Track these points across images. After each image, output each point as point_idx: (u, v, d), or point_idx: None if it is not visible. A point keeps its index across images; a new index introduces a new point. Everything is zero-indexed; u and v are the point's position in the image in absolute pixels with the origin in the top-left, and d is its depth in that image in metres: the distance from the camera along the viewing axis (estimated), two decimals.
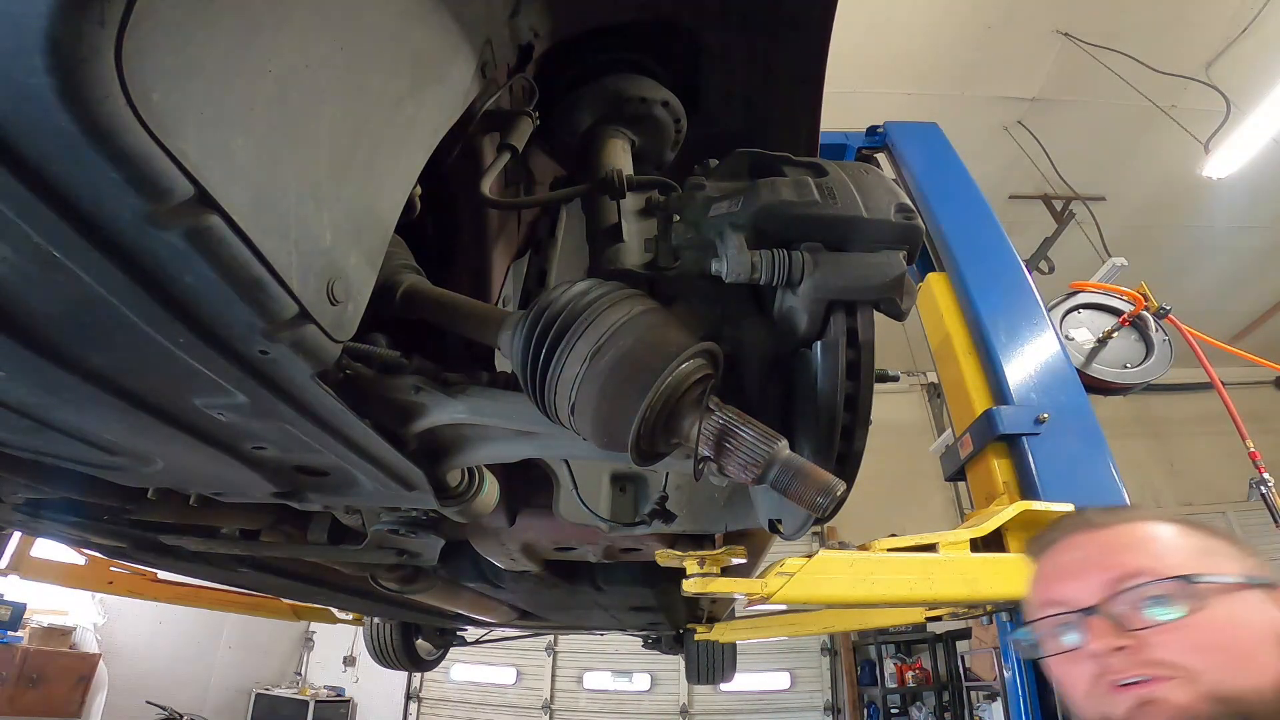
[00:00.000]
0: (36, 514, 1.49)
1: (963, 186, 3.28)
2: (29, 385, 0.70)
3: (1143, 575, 0.80)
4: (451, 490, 1.09)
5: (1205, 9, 5.74)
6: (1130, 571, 0.81)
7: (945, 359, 2.82)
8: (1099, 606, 0.80)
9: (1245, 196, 7.14)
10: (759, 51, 1.15)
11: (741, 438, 0.67)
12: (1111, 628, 0.78)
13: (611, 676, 8.99)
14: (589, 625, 4.22)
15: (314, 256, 0.59)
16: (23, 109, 0.38)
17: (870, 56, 5.93)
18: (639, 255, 0.94)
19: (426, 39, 0.75)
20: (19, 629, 6.18)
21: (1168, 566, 0.81)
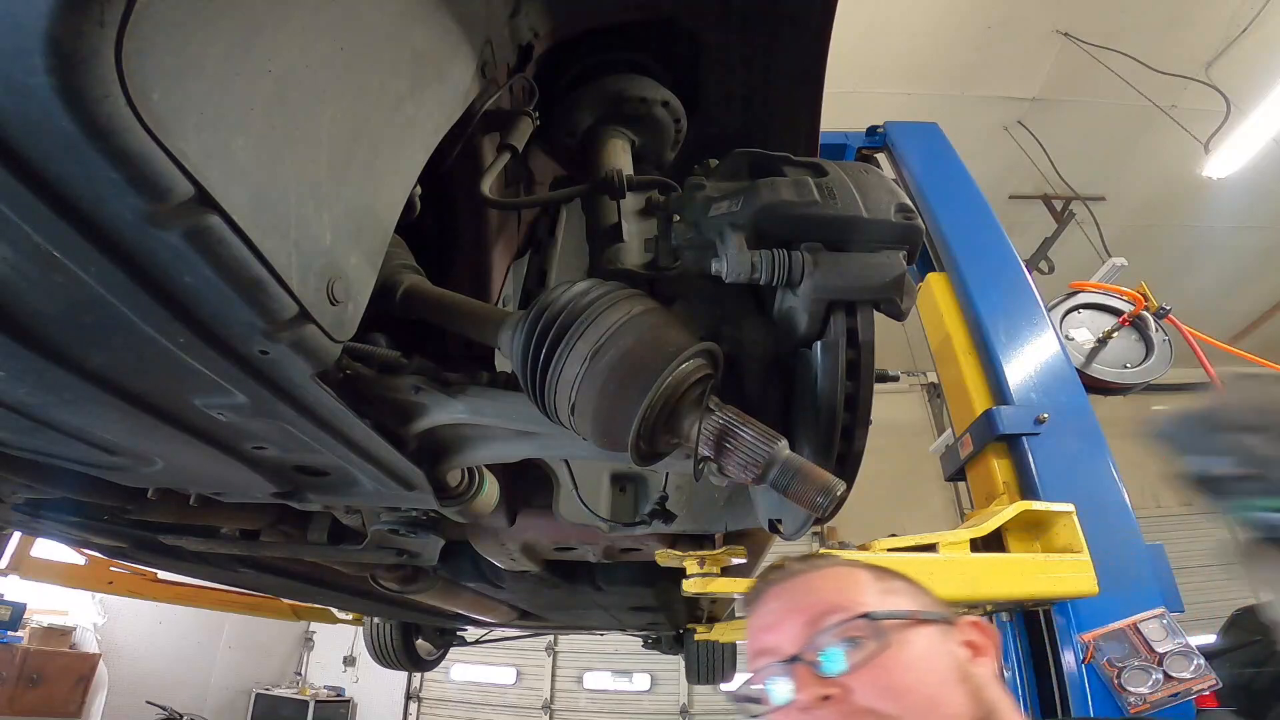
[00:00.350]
0: (36, 514, 1.49)
1: (963, 186, 3.28)
2: (29, 385, 0.70)
3: (833, 616, 0.83)
4: (451, 490, 1.09)
5: (1205, 9, 5.74)
6: (821, 613, 0.84)
7: (945, 359, 2.82)
8: (800, 655, 0.81)
9: (1245, 196, 7.14)
10: (759, 51, 1.15)
11: (741, 438, 0.67)
12: (814, 676, 0.79)
13: (611, 676, 8.99)
14: (589, 625, 4.22)
15: (314, 256, 0.59)
16: (23, 109, 0.38)
17: (870, 56, 5.93)
18: (639, 255, 0.94)
19: (426, 39, 0.74)
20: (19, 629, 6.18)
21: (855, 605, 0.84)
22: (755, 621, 0.92)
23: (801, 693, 0.79)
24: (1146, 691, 1.93)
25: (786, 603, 0.90)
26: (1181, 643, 1.99)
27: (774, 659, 0.84)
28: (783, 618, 0.88)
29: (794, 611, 0.87)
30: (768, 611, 0.91)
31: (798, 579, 0.92)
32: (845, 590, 0.88)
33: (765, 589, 0.95)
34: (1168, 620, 2.02)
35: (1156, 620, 2.01)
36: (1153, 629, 2.00)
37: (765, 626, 0.89)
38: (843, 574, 0.92)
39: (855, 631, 0.82)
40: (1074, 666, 2.04)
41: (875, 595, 0.88)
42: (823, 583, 0.91)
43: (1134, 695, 1.92)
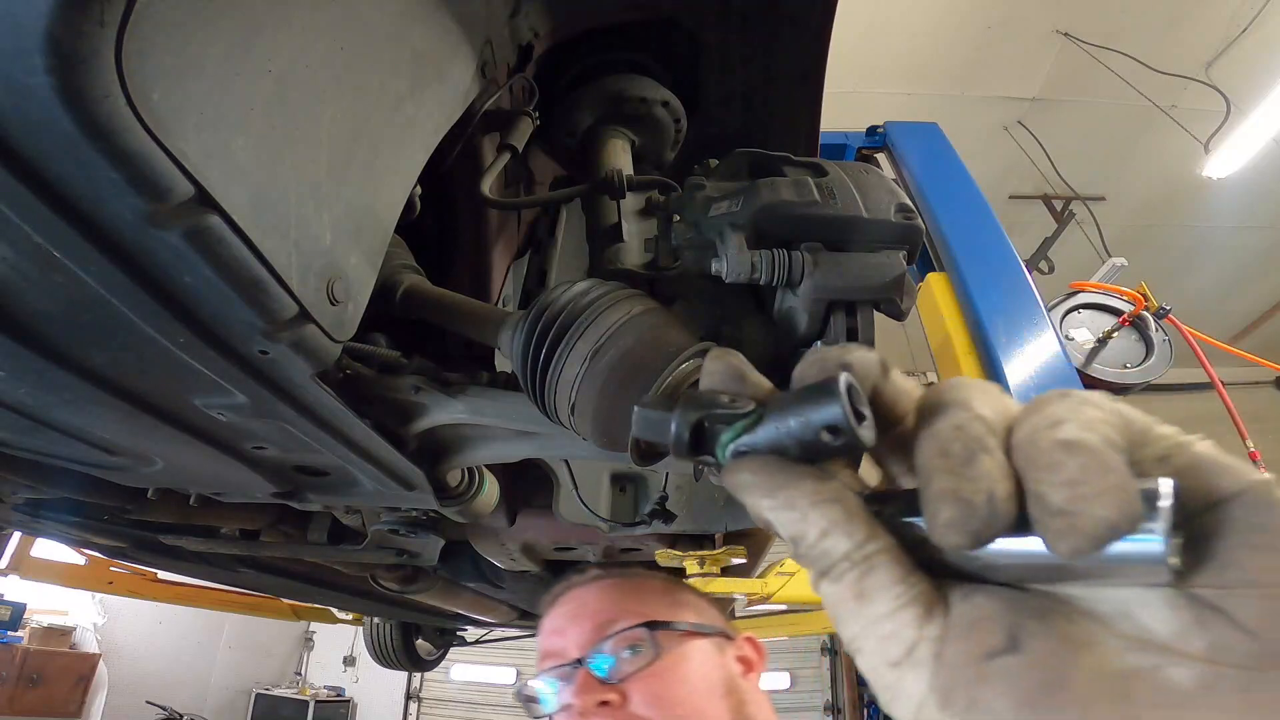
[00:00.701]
0: (36, 514, 1.49)
1: (963, 186, 3.28)
2: (29, 385, 0.70)
3: (619, 623, 0.87)
4: (451, 490, 1.09)
5: (1205, 9, 5.74)
6: (608, 620, 0.88)
7: (945, 359, 2.82)
8: (584, 659, 0.85)
9: (1245, 196, 7.14)
10: (759, 51, 1.15)
11: None
12: (594, 681, 0.82)
13: None
14: None
15: (314, 256, 0.59)
16: (23, 109, 0.38)
17: (870, 56, 5.93)
18: (639, 255, 0.94)
19: (426, 39, 0.75)
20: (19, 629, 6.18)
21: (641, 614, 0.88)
22: (547, 624, 0.95)
23: (580, 697, 0.81)
24: None
25: (578, 607, 0.93)
26: None
27: (559, 661, 0.88)
28: (572, 621, 0.91)
29: (583, 616, 0.91)
30: (560, 614, 0.94)
31: (593, 585, 0.96)
32: (634, 599, 0.92)
33: (563, 592, 0.98)
34: None
35: None
36: None
37: (555, 629, 0.93)
38: (635, 583, 0.96)
39: (636, 639, 0.85)
40: None
41: (663, 606, 0.92)
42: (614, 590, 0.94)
43: None
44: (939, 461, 0.23)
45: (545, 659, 0.91)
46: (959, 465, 0.22)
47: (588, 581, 0.97)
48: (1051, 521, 0.21)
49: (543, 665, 0.91)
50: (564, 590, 0.99)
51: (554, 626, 0.94)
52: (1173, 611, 0.22)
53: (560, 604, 0.97)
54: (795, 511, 0.26)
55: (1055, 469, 0.21)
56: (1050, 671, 0.22)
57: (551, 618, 0.96)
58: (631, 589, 0.95)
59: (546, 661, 0.90)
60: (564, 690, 0.86)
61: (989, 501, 0.22)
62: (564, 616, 0.94)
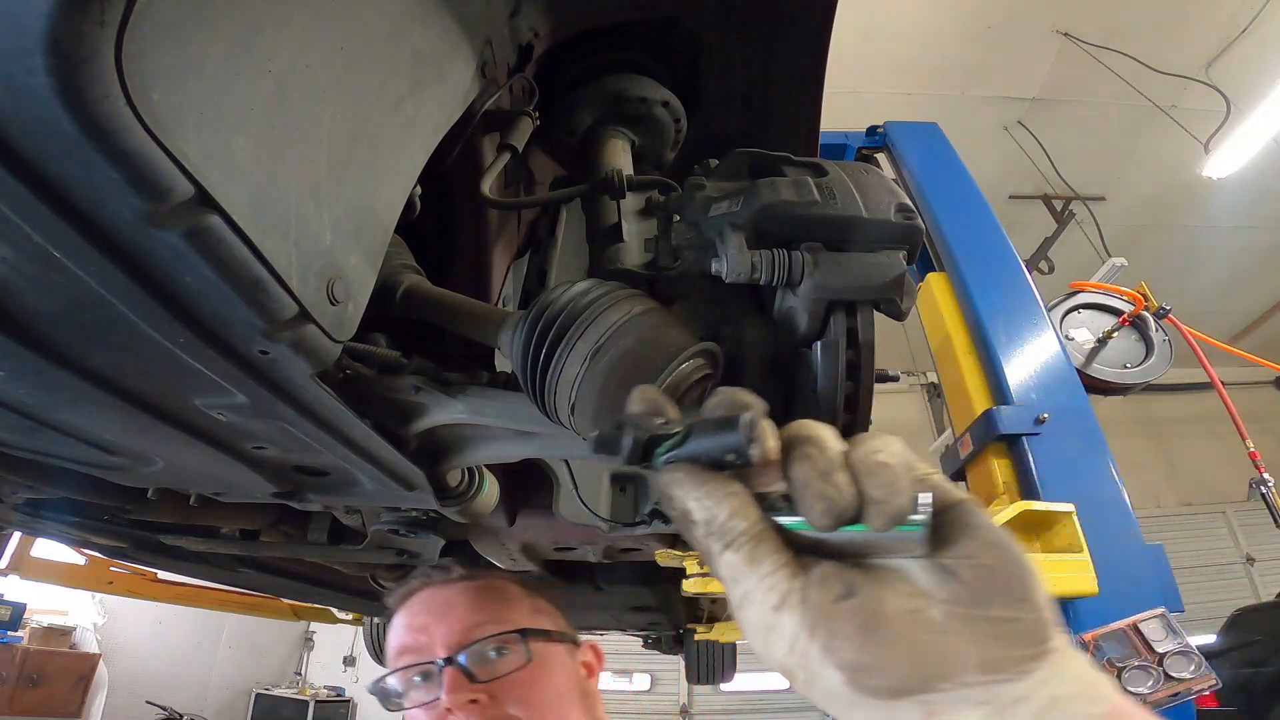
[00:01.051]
0: (36, 514, 1.49)
1: (963, 186, 3.28)
2: (29, 385, 0.70)
3: (489, 628, 0.92)
4: (451, 490, 1.09)
5: (1205, 9, 5.75)
6: (478, 623, 0.92)
7: (945, 359, 2.82)
8: (453, 658, 0.88)
9: (1245, 196, 7.14)
10: (759, 51, 1.15)
11: None
12: (464, 680, 0.87)
13: (611, 676, 8.99)
14: (589, 625, 4.22)
15: (314, 256, 0.59)
16: (23, 109, 0.38)
17: (871, 56, 5.93)
18: (639, 255, 0.94)
19: (426, 39, 0.74)
20: (19, 629, 6.18)
21: (512, 620, 0.94)
22: (407, 620, 0.97)
23: (451, 694, 0.85)
24: (1147, 692, 1.93)
25: (444, 606, 0.96)
26: (1181, 643, 1.99)
27: (424, 657, 0.91)
28: (438, 620, 0.94)
29: (451, 617, 0.94)
30: (422, 612, 0.97)
31: (455, 586, 0.99)
32: (500, 604, 0.97)
33: (421, 589, 1.01)
34: (1168, 620, 2.02)
35: (1156, 620, 2.01)
36: (1153, 629, 2.00)
37: (418, 626, 0.95)
38: (498, 588, 1.01)
39: (509, 644, 0.91)
40: None
41: (527, 613, 0.99)
42: (481, 594, 0.99)
43: (1134, 695, 1.92)
44: (814, 474, 0.35)
45: (404, 654, 0.93)
46: (825, 476, 0.35)
47: (451, 582, 1.00)
48: (871, 508, 0.34)
49: (401, 660, 0.93)
50: (422, 587, 1.01)
51: (415, 623, 0.96)
52: (930, 574, 0.35)
53: (419, 601, 0.99)
54: (712, 500, 0.37)
55: (876, 475, 0.35)
56: (874, 607, 0.35)
57: (410, 614, 0.98)
58: (496, 594, 1.00)
59: (406, 657, 0.93)
60: (426, 686, 0.90)
61: (844, 498, 0.35)
62: (428, 614, 0.96)
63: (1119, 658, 1.97)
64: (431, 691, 0.88)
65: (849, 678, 0.34)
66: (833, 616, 0.34)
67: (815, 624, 0.35)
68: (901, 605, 0.34)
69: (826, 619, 0.34)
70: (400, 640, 0.95)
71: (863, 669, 0.34)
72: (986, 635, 0.33)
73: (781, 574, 0.36)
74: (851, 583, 0.35)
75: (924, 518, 0.35)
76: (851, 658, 0.34)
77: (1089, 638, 1.99)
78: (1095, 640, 1.99)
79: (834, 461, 0.35)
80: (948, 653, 0.33)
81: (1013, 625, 0.33)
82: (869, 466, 0.35)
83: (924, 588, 0.35)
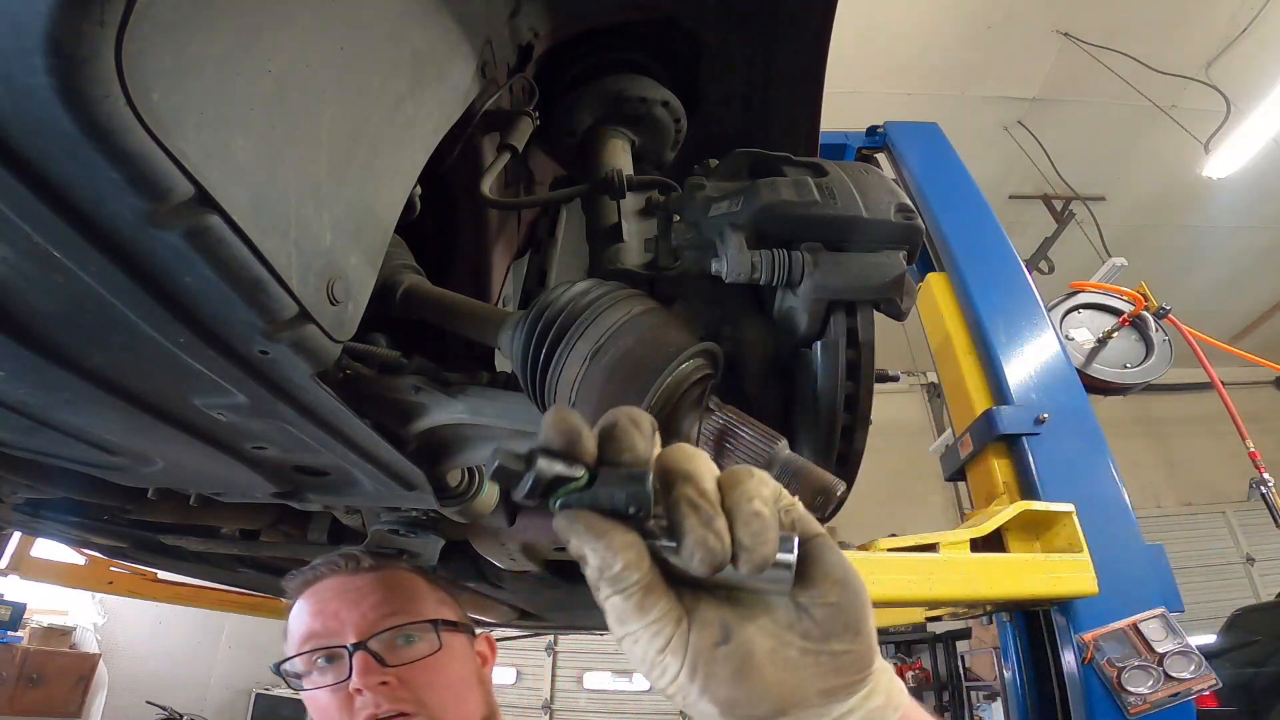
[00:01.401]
0: (36, 514, 1.49)
1: (963, 186, 3.28)
2: (29, 385, 0.70)
3: (400, 617, 0.97)
4: (451, 490, 1.09)
5: (1205, 9, 5.74)
6: (391, 611, 0.97)
7: (945, 359, 2.82)
8: (365, 643, 0.93)
9: (1245, 196, 7.14)
10: (759, 51, 1.15)
11: (741, 437, 0.67)
12: (375, 664, 0.91)
13: (611, 676, 8.99)
14: (589, 625, 4.22)
15: (314, 256, 0.59)
16: (23, 109, 0.38)
17: (870, 56, 5.93)
18: (639, 255, 0.94)
19: (426, 39, 0.74)
20: (19, 629, 6.18)
21: (420, 611, 0.99)
22: (316, 605, 1.01)
23: (363, 677, 0.90)
24: (1147, 692, 1.93)
25: (354, 594, 1.00)
26: (1181, 643, 1.99)
27: (333, 641, 0.95)
28: (349, 606, 0.98)
29: (362, 603, 0.98)
30: (330, 597, 1.01)
31: (365, 576, 1.03)
32: (409, 594, 1.02)
33: (327, 575, 1.04)
34: (1168, 620, 2.02)
35: (1156, 620, 2.01)
36: (1153, 629, 2.00)
37: (329, 612, 0.98)
38: (408, 581, 1.06)
39: (418, 632, 0.96)
40: (1074, 667, 2.04)
41: (434, 604, 1.04)
42: (391, 585, 1.03)
43: (1134, 695, 1.92)
44: (697, 523, 0.37)
45: (313, 638, 0.96)
46: (708, 524, 0.37)
47: (361, 571, 1.04)
48: (742, 555, 0.37)
49: (308, 644, 0.96)
50: (329, 573, 1.04)
51: (324, 608, 0.99)
52: (790, 609, 0.40)
53: (329, 589, 1.02)
54: (610, 551, 0.38)
55: (749, 524, 0.37)
56: (745, 651, 0.39)
57: (317, 599, 1.01)
58: (405, 586, 1.04)
59: (315, 640, 0.96)
60: (333, 669, 0.94)
61: (722, 549, 0.37)
62: (337, 600, 0.99)
63: (1119, 658, 1.97)
64: (339, 674, 0.93)
65: (722, 710, 0.39)
66: (711, 661, 0.39)
67: (695, 667, 0.39)
68: (766, 646, 0.39)
69: (706, 663, 0.39)
70: (308, 625, 0.98)
71: (733, 704, 0.39)
72: (828, 668, 0.39)
73: (667, 619, 0.39)
74: (727, 626, 0.40)
75: (790, 559, 0.39)
76: (725, 696, 0.39)
77: (1089, 638, 1.99)
78: (1095, 640, 1.99)
79: (714, 506, 0.38)
80: (799, 685, 0.39)
81: (848, 656, 0.40)
82: (744, 515, 0.38)
83: (785, 622, 0.40)
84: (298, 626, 1.00)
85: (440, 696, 0.94)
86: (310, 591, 1.04)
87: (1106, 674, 1.95)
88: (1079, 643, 2.01)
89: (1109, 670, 1.95)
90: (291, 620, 1.03)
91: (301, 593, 1.05)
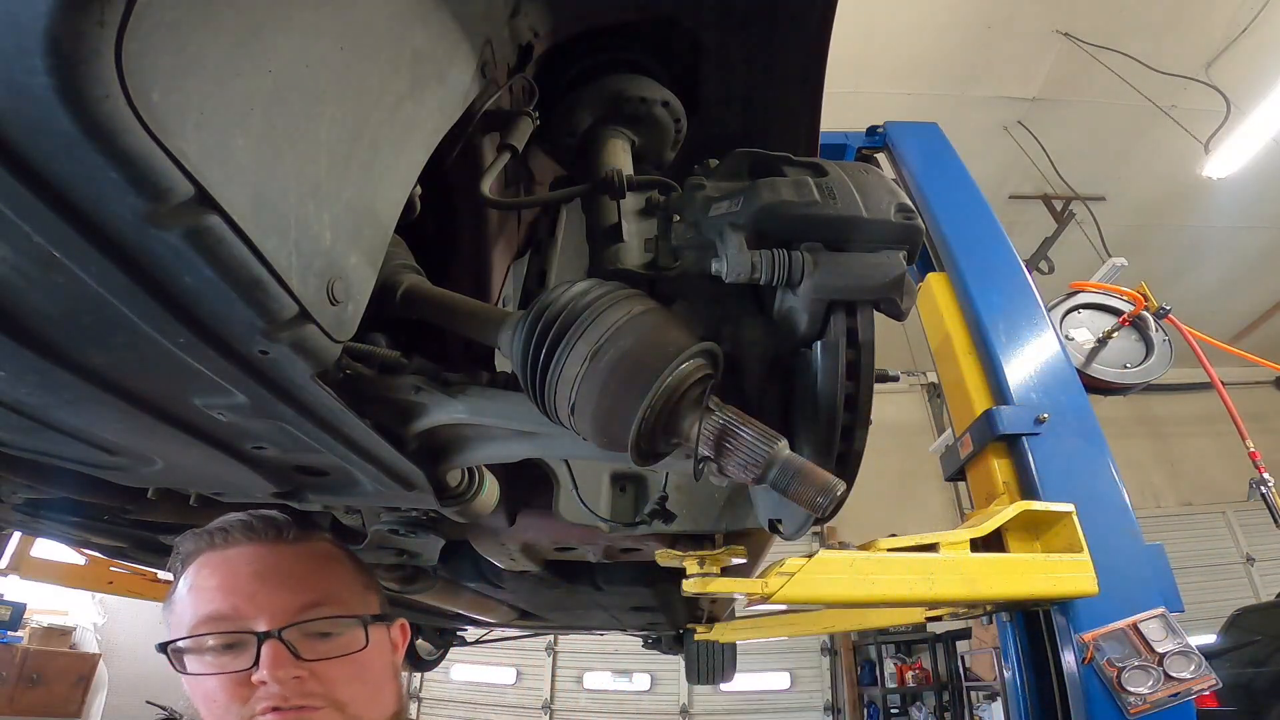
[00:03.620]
0: (36, 514, 1.49)
1: (963, 186, 3.28)
2: (29, 385, 0.70)
3: (322, 607, 0.87)
4: (451, 490, 1.09)
5: (1205, 9, 5.75)
6: (311, 602, 0.87)
7: (945, 359, 2.82)
8: (280, 633, 0.83)
9: (1245, 196, 7.15)
10: (759, 51, 1.15)
11: (741, 438, 0.67)
12: (287, 657, 0.82)
13: (611, 676, 9.00)
14: (589, 625, 4.22)
15: (314, 256, 0.59)
16: (23, 109, 0.38)
17: (870, 56, 5.93)
18: (639, 255, 0.94)
19: (426, 39, 0.74)
20: (19, 629, 6.18)
21: (345, 601, 0.90)
22: (223, 579, 0.88)
23: (275, 669, 0.81)
24: (1146, 691, 1.93)
25: (273, 574, 0.88)
26: (1181, 643, 1.99)
27: (240, 626, 0.83)
28: (266, 588, 0.87)
29: (278, 586, 0.87)
30: (246, 574, 0.88)
31: (285, 547, 0.92)
32: (331, 577, 0.93)
33: (240, 541, 0.91)
34: (1168, 620, 2.02)
35: (1156, 620, 2.01)
36: (1153, 629, 2.00)
37: (242, 591, 0.86)
38: (332, 558, 0.95)
39: (339, 627, 0.88)
40: (1074, 667, 2.04)
41: (360, 591, 0.95)
42: (315, 562, 0.93)
43: (1134, 695, 1.92)
44: None
45: (216, 620, 0.84)
46: None
47: (281, 541, 0.92)
48: None
49: (209, 625, 0.85)
50: (244, 539, 0.91)
51: (235, 585, 0.87)
52: None
53: (239, 557, 0.89)
54: None
55: None
56: None
57: (227, 571, 0.88)
58: (329, 564, 0.94)
59: (217, 623, 0.84)
60: (232, 655, 0.83)
61: None
62: (253, 579, 0.87)
63: (1119, 658, 1.97)
64: (238, 661, 0.82)
65: None
66: None
67: None
68: None
69: None
70: (214, 605, 0.85)
71: None
72: None
73: None
74: None
75: None
76: None
77: (1089, 638, 2.00)
78: (1095, 640, 1.99)
79: None
80: None
81: None
82: None
83: None
84: (198, 601, 0.87)
85: (354, 692, 0.86)
86: (218, 558, 0.90)
87: (1106, 674, 1.96)
88: (1079, 643, 2.01)
89: (1109, 670, 1.95)
90: (187, 589, 0.89)
91: (204, 556, 0.91)
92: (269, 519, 0.95)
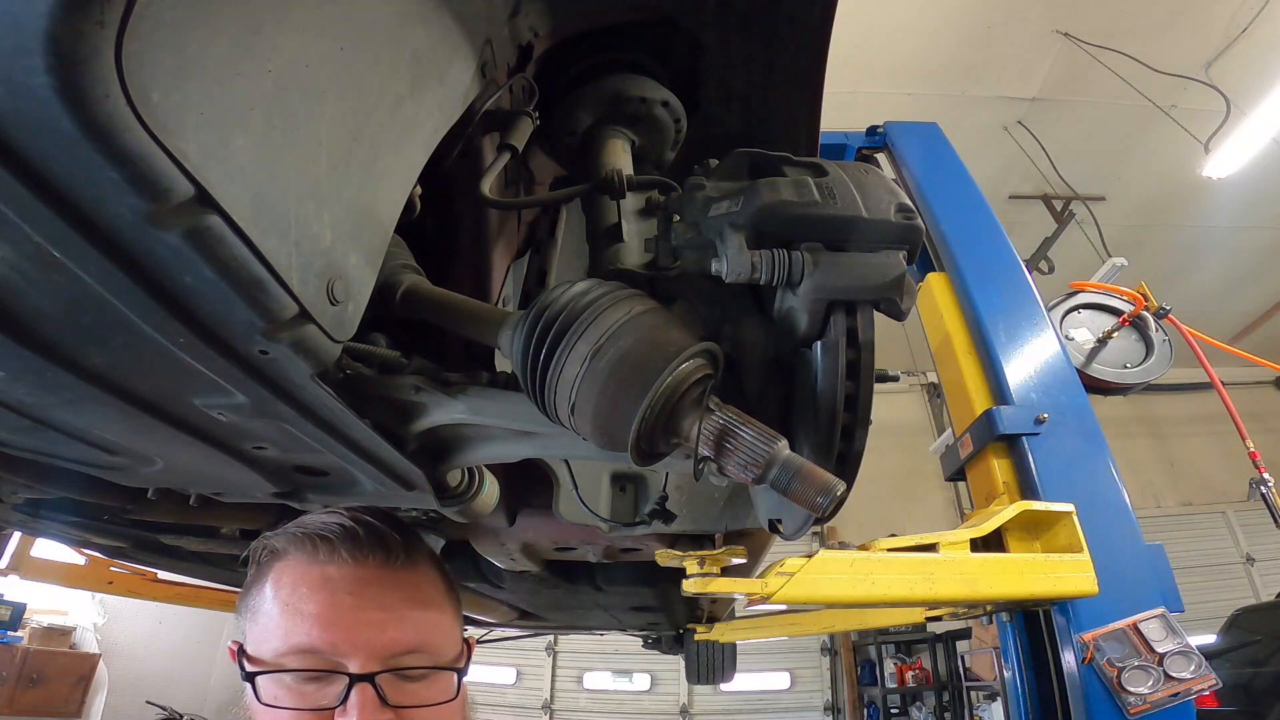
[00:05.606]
0: (36, 514, 1.49)
1: (963, 186, 3.28)
2: (29, 385, 0.70)
3: (419, 655, 0.83)
4: (451, 490, 1.09)
5: (1205, 9, 5.75)
6: (409, 648, 0.82)
7: (945, 359, 2.82)
8: (374, 678, 0.78)
9: (1245, 196, 7.15)
10: (759, 51, 1.15)
11: (741, 438, 0.67)
12: (378, 701, 0.78)
13: (611, 676, 8.99)
14: (589, 625, 4.22)
15: (314, 256, 0.59)
16: (23, 109, 0.38)
17: (870, 56, 5.93)
18: (639, 255, 0.94)
19: (426, 39, 0.75)
20: (19, 629, 6.18)
21: (442, 647, 0.86)
22: (323, 607, 0.81)
23: (364, 714, 0.77)
24: (1147, 691, 1.93)
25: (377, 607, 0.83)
26: (1181, 643, 1.99)
27: (330, 662, 0.79)
28: (368, 627, 0.81)
29: (380, 627, 0.81)
30: (349, 603, 0.82)
31: (391, 573, 0.85)
32: (438, 620, 0.88)
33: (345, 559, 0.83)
34: (1168, 620, 2.02)
35: (1156, 620, 2.01)
36: (1153, 629, 2.00)
37: (334, 623, 0.80)
38: (434, 591, 0.90)
39: (433, 676, 0.84)
40: (1074, 667, 2.04)
41: (454, 633, 0.91)
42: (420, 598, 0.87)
43: (1134, 695, 1.92)
44: None
45: (306, 654, 0.79)
46: None
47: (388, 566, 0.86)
48: None
49: (300, 660, 0.79)
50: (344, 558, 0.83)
51: (338, 617, 0.80)
52: None
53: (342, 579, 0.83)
54: None
55: None
56: None
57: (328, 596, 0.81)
58: (427, 596, 0.89)
59: (308, 658, 0.79)
60: (313, 686, 0.79)
61: None
62: (355, 609, 0.81)
63: (1119, 658, 1.97)
64: (322, 696, 0.78)
65: None
66: None
67: None
68: None
69: None
70: (310, 636, 0.79)
71: None
72: None
73: None
74: None
75: None
76: None
77: (1089, 638, 1.99)
78: (1095, 640, 1.99)
79: None
80: None
81: None
82: None
83: None
84: (291, 629, 0.80)
85: None
86: (317, 575, 0.83)
87: (1106, 674, 1.95)
88: (1079, 643, 2.01)
89: (1109, 670, 1.95)
90: (279, 608, 0.82)
91: (301, 566, 0.84)
92: (376, 533, 0.86)
